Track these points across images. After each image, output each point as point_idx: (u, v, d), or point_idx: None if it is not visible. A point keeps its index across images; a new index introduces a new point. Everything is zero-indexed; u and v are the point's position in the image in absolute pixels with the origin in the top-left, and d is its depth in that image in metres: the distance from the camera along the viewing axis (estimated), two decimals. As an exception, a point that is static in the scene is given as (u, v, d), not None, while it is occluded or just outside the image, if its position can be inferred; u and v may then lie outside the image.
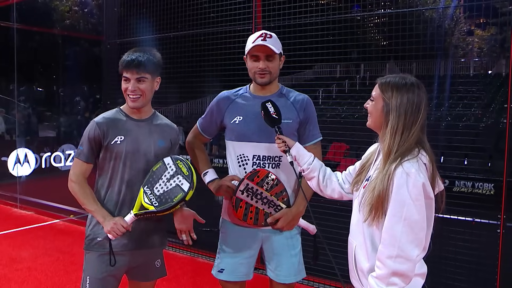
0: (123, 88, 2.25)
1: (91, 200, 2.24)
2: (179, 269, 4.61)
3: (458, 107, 12.72)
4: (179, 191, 2.12)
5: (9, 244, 5.33)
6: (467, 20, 21.28)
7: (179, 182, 2.14)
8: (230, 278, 2.49)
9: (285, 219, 2.37)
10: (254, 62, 2.38)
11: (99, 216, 2.21)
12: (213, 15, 5.21)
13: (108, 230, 2.16)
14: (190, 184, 2.12)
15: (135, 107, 2.28)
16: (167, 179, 2.17)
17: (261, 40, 2.33)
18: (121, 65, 2.23)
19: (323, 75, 15.74)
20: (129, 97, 2.24)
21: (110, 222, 2.17)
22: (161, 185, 2.17)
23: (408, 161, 1.70)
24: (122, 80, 2.24)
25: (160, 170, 2.22)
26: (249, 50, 2.36)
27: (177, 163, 2.20)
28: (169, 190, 2.14)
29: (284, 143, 2.15)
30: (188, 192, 2.11)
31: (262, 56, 2.35)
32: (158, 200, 2.14)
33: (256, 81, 2.42)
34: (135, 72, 2.20)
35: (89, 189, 2.28)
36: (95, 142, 2.26)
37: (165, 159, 2.24)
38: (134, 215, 2.18)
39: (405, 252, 1.65)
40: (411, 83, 1.78)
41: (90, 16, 21.27)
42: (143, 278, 2.44)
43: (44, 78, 21.77)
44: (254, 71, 2.39)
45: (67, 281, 4.24)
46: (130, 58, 2.20)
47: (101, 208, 2.24)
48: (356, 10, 5.56)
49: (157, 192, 2.15)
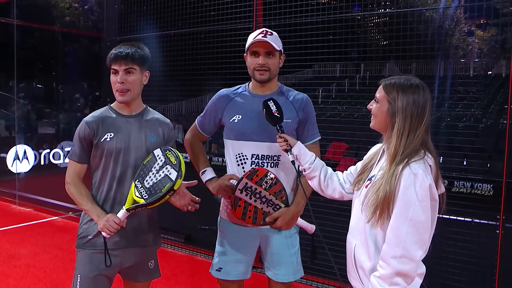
0: (112, 82, 2.23)
1: (85, 199, 2.24)
2: (177, 267, 4.60)
3: (458, 108, 12.72)
4: (167, 181, 2.09)
5: (8, 240, 5.33)
6: (468, 20, 21.25)
7: (167, 172, 2.11)
8: (228, 277, 2.49)
9: (284, 218, 2.37)
10: (253, 58, 2.37)
11: (94, 215, 2.21)
12: (213, 13, 5.21)
13: (101, 228, 2.15)
14: (178, 172, 2.08)
15: (124, 102, 2.26)
16: (156, 171, 2.16)
17: (262, 36, 2.33)
18: (109, 59, 2.21)
19: (323, 74, 15.75)
20: (118, 91, 2.23)
21: (103, 220, 2.16)
22: (151, 177, 2.15)
23: (415, 162, 1.70)
24: (111, 74, 2.23)
25: (150, 162, 2.21)
26: (249, 45, 2.36)
27: (166, 153, 2.19)
28: (158, 181, 2.12)
29: (285, 142, 2.15)
30: (176, 181, 2.07)
31: (261, 52, 2.35)
32: (147, 192, 2.12)
33: (255, 77, 2.41)
34: (123, 63, 2.19)
35: (84, 189, 2.27)
36: (86, 141, 2.25)
37: (154, 151, 2.23)
38: (126, 210, 2.16)
39: (410, 253, 1.66)
40: (416, 84, 1.78)
41: (90, 13, 21.25)
42: (136, 279, 2.42)
43: (43, 74, 21.76)
44: (253, 67, 2.38)
45: (65, 278, 4.23)
46: (117, 51, 2.20)
47: (96, 207, 2.23)
48: (357, 10, 5.56)
49: (147, 185, 2.14)
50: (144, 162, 2.23)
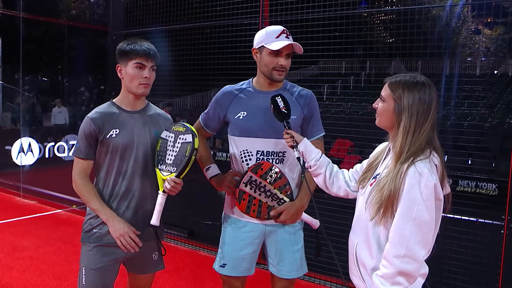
0: (135, 75, 2.23)
1: (94, 198, 2.24)
2: (180, 262, 4.61)
3: (463, 107, 12.67)
4: (186, 146, 2.20)
5: (12, 232, 5.36)
6: (475, 19, 21.14)
7: (183, 140, 2.22)
8: (232, 273, 2.48)
9: (288, 213, 2.37)
10: (274, 58, 2.33)
11: (103, 215, 2.22)
12: (219, 8, 5.19)
13: (119, 244, 2.22)
14: (192, 133, 2.20)
15: (144, 94, 2.31)
16: (171, 147, 2.25)
17: (285, 37, 2.32)
18: (135, 53, 2.22)
19: (328, 71, 15.72)
20: (142, 85, 2.26)
21: (117, 229, 2.20)
22: (170, 153, 2.25)
23: (421, 161, 1.69)
24: (133, 67, 2.23)
25: (163, 144, 2.29)
26: (277, 46, 2.29)
27: (172, 129, 2.29)
28: (178, 152, 2.22)
29: (292, 138, 2.14)
30: (194, 140, 2.18)
31: (284, 53, 2.33)
32: (174, 165, 2.22)
33: (272, 77, 2.37)
34: (151, 60, 2.25)
35: (92, 187, 2.28)
36: (92, 137, 2.25)
37: (161, 134, 2.32)
38: (162, 193, 2.25)
39: (413, 252, 1.65)
40: (422, 82, 1.76)
41: (96, 6, 21.29)
42: (140, 271, 2.44)
43: (49, 68, 21.83)
44: (272, 67, 2.34)
45: (68, 271, 4.25)
46: (145, 47, 2.24)
47: (105, 207, 2.24)
48: (363, 7, 5.53)
49: (170, 161, 2.23)
50: (157, 148, 2.30)
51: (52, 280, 4.07)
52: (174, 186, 2.21)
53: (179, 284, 4.10)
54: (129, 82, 2.26)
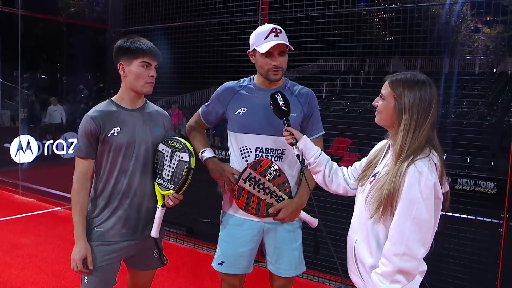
0: (140, 73, 2.23)
1: (78, 210, 2.23)
2: (179, 260, 4.61)
3: (462, 105, 12.68)
4: (183, 165, 2.23)
5: (10, 230, 5.35)
6: (474, 17, 21.13)
7: (179, 158, 2.25)
8: (230, 271, 2.49)
9: (287, 210, 2.37)
10: (267, 59, 2.32)
11: (75, 231, 2.23)
12: (219, 5, 5.18)
13: (72, 260, 2.22)
14: (188, 152, 2.24)
15: (148, 93, 2.32)
16: (168, 162, 2.28)
17: (274, 36, 2.29)
18: (141, 52, 2.22)
19: (327, 69, 15.71)
20: (148, 83, 2.27)
21: (77, 252, 2.20)
22: (167, 169, 2.28)
23: (421, 159, 1.69)
24: (139, 66, 2.22)
25: (160, 158, 2.32)
26: (265, 48, 2.28)
27: (169, 143, 2.32)
28: (175, 169, 2.25)
29: (291, 136, 2.14)
30: (190, 160, 2.22)
31: (275, 53, 2.31)
32: (171, 182, 2.25)
33: (269, 78, 2.37)
34: (156, 59, 2.27)
35: (83, 197, 2.25)
36: (92, 136, 2.24)
37: (158, 147, 2.35)
38: (161, 207, 2.31)
39: (412, 251, 1.65)
40: (423, 80, 1.76)
41: (95, 4, 21.24)
42: (141, 268, 2.45)
43: (48, 65, 21.79)
44: (267, 68, 2.34)
45: (67, 268, 4.25)
46: (150, 45, 2.25)
47: (80, 225, 2.23)
48: (363, 5, 5.53)
49: (167, 177, 2.27)
50: (155, 160, 2.33)
51: (51, 278, 4.07)
52: (175, 201, 2.27)
53: (178, 281, 4.10)
54: (134, 81, 2.25)
